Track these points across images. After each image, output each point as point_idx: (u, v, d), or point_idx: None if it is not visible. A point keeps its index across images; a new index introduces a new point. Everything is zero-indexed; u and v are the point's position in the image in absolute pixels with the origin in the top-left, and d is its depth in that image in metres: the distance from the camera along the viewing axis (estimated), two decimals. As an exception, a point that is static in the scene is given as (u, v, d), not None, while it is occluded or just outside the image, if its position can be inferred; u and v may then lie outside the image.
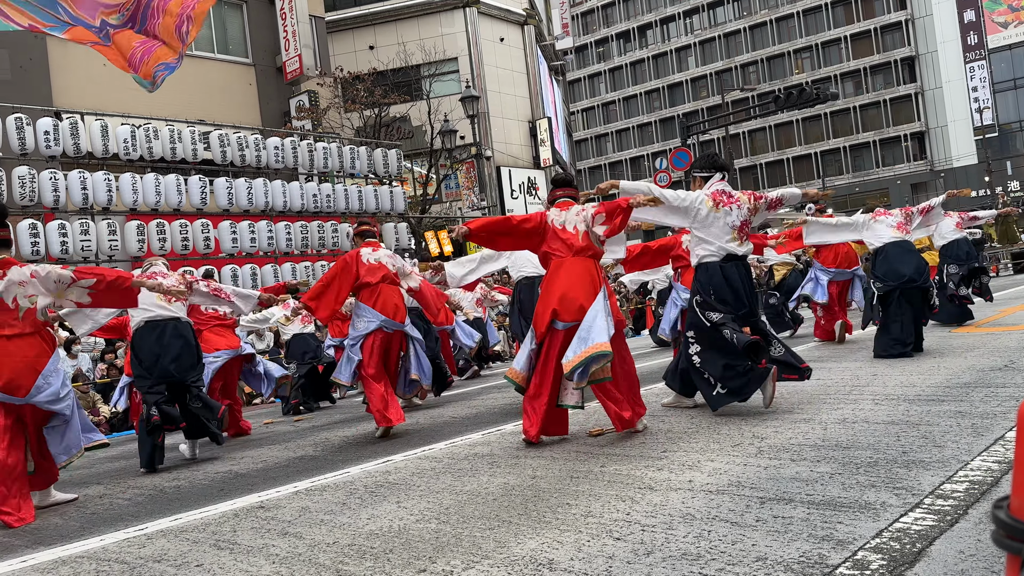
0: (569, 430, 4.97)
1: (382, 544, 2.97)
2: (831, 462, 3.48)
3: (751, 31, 62.01)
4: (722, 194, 5.15)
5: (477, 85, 25.64)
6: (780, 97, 23.09)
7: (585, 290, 4.61)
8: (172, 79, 18.16)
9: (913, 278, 6.89)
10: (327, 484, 4.29)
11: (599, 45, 69.01)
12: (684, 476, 3.52)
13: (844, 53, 58.34)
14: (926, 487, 2.95)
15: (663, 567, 2.40)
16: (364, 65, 23.43)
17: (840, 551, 2.37)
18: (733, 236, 5.08)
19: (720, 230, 5.08)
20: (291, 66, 19.52)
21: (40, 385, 4.45)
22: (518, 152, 28.29)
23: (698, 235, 5.16)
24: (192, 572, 2.90)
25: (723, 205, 5.10)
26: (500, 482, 3.80)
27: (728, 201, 5.12)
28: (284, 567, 2.83)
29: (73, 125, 11.82)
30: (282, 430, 7.69)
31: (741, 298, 5.05)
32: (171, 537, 3.48)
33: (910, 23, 56.56)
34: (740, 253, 5.13)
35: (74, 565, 3.21)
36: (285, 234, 13.92)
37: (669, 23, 66.05)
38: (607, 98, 68.30)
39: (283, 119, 19.31)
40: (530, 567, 2.53)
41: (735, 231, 5.09)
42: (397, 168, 16.83)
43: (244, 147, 13.85)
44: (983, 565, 2.17)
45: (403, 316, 6.23)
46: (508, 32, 28.83)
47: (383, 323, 6.07)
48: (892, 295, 6.95)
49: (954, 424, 4.00)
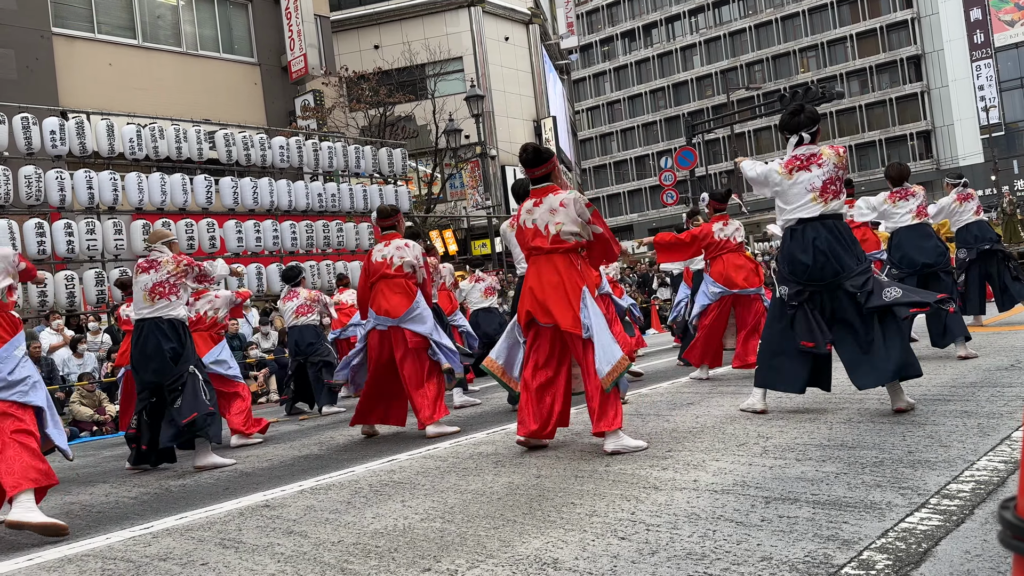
0: (577, 430, 4.97)
1: (387, 543, 2.98)
2: (836, 462, 3.47)
3: (756, 30, 61.93)
4: (795, 159, 4.70)
5: (482, 84, 25.64)
6: (786, 96, 23.07)
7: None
8: (178, 79, 18.28)
9: (929, 263, 6.65)
10: (332, 483, 4.30)
11: (604, 44, 68.99)
12: (689, 476, 3.51)
13: (850, 52, 58.24)
14: (932, 487, 2.94)
15: (668, 567, 2.40)
16: (369, 64, 23.47)
17: (845, 551, 2.37)
18: (813, 198, 4.60)
19: (797, 195, 4.65)
20: (296, 66, 19.56)
21: None
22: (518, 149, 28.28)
23: (779, 204, 4.81)
24: (197, 570, 2.91)
25: (798, 169, 4.65)
26: (505, 481, 3.80)
27: (805, 164, 4.66)
28: (289, 566, 2.83)
29: (79, 125, 11.86)
30: (287, 429, 7.71)
31: (821, 261, 4.54)
32: (177, 536, 3.49)
33: (916, 22, 56.43)
34: (815, 214, 4.59)
35: (80, 563, 3.22)
36: (290, 233, 13.94)
37: (674, 22, 66.00)
38: (612, 97, 68.28)
39: (288, 118, 19.35)
40: (535, 566, 2.53)
41: (815, 192, 4.60)
42: (402, 167, 16.85)
43: (249, 146, 13.87)
44: (989, 565, 2.16)
45: (395, 312, 5.89)
46: (513, 31, 28.85)
47: (376, 322, 6.01)
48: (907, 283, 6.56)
49: (960, 424, 3.99)
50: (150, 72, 17.29)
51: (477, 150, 24.26)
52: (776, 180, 4.75)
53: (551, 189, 4.57)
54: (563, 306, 4.35)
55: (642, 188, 65.13)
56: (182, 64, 18.10)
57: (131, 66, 17.06)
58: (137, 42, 17.50)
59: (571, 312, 4.33)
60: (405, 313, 5.88)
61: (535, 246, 4.51)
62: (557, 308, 4.35)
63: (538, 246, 4.50)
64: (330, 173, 15.68)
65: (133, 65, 17.13)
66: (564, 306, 4.35)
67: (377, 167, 16.26)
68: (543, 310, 4.42)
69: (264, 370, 11.99)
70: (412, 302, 5.93)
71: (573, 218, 4.43)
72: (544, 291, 4.42)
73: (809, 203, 4.61)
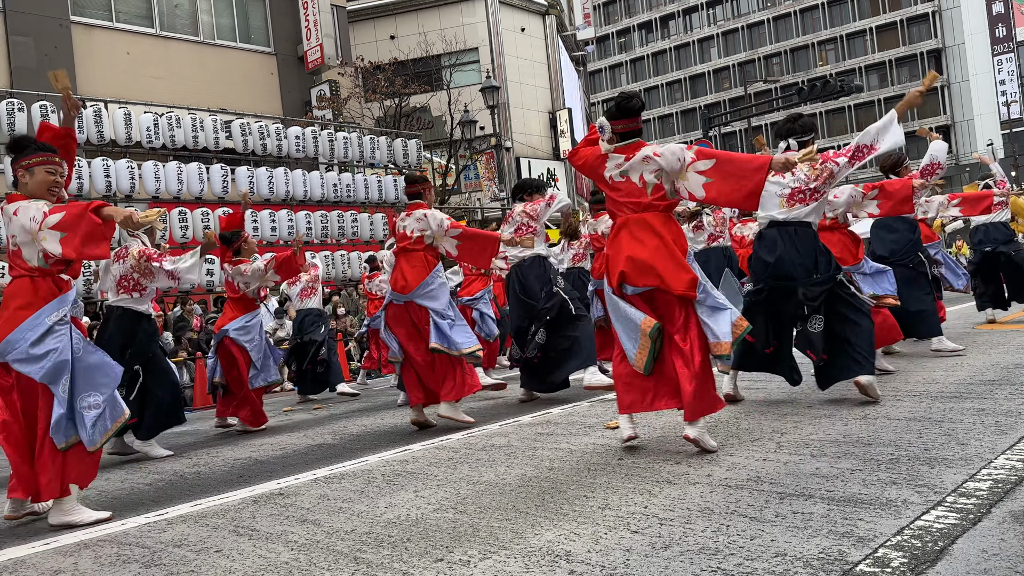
0: (591, 423, 4.96)
1: (400, 533, 2.98)
2: (852, 458, 3.45)
3: (775, 22, 61.44)
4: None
5: (497, 75, 25.57)
6: (804, 89, 22.92)
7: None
8: (195, 68, 18.37)
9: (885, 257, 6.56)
10: (345, 472, 4.31)
11: (621, 36, 68.65)
12: (703, 470, 3.50)
13: (869, 45, 57.68)
14: (948, 485, 2.91)
15: (681, 561, 2.39)
16: (385, 55, 23.44)
17: (860, 548, 2.35)
18: (780, 203, 4.75)
19: (768, 198, 4.70)
20: (312, 55, 19.57)
21: (15, 339, 3.73)
22: (538, 143, 28.23)
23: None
24: (211, 557, 2.92)
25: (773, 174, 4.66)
26: (517, 473, 3.80)
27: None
28: (302, 554, 2.84)
29: (97, 113, 11.93)
30: (301, 418, 7.74)
31: (782, 265, 4.69)
32: (191, 522, 3.51)
33: (937, 15, 55.80)
34: (781, 219, 4.74)
35: (96, 548, 3.25)
36: (305, 223, 13.98)
37: (692, 14, 65.58)
38: (628, 89, 67.97)
39: (304, 108, 19.38)
40: (547, 558, 2.53)
41: (782, 198, 4.75)
42: (417, 158, 16.85)
43: (265, 136, 13.91)
44: (1007, 564, 2.14)
45: (409, 287, 5.68)
46: (529, 22, 28.74)
47: (391, 296, 5.86)
48: None
49: (977, 422, 3.95)
50: (167, 61, 17.36)
51: (492, 141, 24.23)
52: None
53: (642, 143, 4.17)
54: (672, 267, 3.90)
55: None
56: (199, 53, 18.15)
57: (148, 55, 17.13)
58: (155, 31, 17.56)
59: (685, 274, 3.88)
60: (418, 287, 5.66)
61: (630, 202, 4.07)
62: (666, 269, 3.90)
63: (635, 202, 4.05)
64: (345, 163, 15.71)
65: (150, 54, 17.19)
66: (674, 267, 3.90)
67: (392, 158, 16.26)
68: (645, 271, 3.93)
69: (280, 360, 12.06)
70: (428, 275, 5.68)
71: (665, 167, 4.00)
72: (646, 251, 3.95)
73: (776, 207, 4.79)
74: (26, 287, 3.83)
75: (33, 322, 3.75)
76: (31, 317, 3.76)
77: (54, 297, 3.84)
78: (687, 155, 3.98)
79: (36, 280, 3.84)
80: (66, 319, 3.85)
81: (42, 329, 3.74)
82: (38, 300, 3.81)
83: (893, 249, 6.71)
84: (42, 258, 3.85)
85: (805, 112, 57.81)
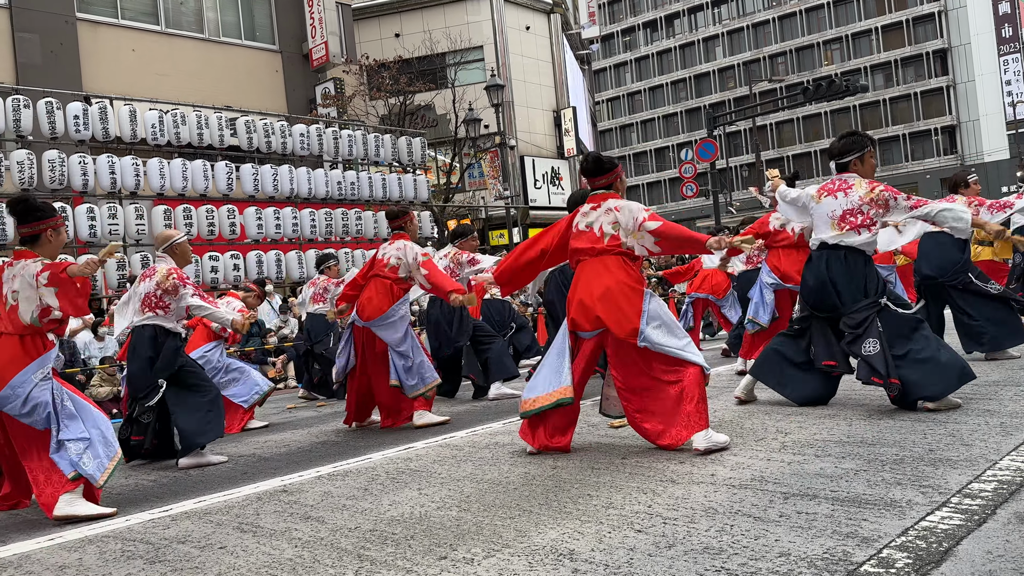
0: (594, 423, 4.96)
1: (403, 530, 2.99)
2: (856, 459, 3.44)
3: (780, 21, 61.28)
4: (831, 183, 4.77)
5: (502, 74, 25.56)
6: (809, 89, 22.84)
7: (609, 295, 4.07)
8: (200, 65, 18.40)
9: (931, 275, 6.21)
10: (349, 470, 4.32)
11: (626, 34, 68.53)
12: (706, 470, 3.50)
13: (875, 45, 57.51)
14: (953, 486, 2.91)
15: (685, 560, 2.39)
16: (390, 53, 23.44)
17: (865, 548, 2.35)
18: (832, 225, 4.63)
19: (820, 220, 4.72)
20: (317, 53, 19.58)
21: (6, 395, 3.93)
22: (542, 142, 28.19)
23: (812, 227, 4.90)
24: (216, 554, 2.93)
25: (827, 195, 4.71)
26: (521, 472, 3.81)
27: (834, 190, 4.69)
28: (306, 551, 2.85)
29: (102, 110, 11.95)
30: (305, 415, 7.75)
31: (825, 292, 4.62)
32: (195, 519, 3.52)
33: (943, 15, 55.60)
34: (832, 242, 4.62)
35: (100, 544, 3.26)
36: (310, 221, 13.99)
37: (697, 12, 65.43)
38: (633, 88, 67.87)
39: (309, 106, 19.39)
40: (551, 557, 2.53)
41: (833, 221, 4.63)
42: (421, 156, 16.85)
43: (270, 134, 13.92)
44: (1012, 566, 2.14)
45: (371, 316, 5.85)
46: (534, 20, 28.70)
47: (353, 317, 6.06)
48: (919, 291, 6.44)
49: (982, 423, 3.94)
50: (172, 58, 17.37)
51: (496, 140, 24.21)
52: (809, 204, 4.82)
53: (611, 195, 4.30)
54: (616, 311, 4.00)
55: (662, 180, 64.77)
56: (204, 50, 18.17)
57: (154, 52, 17.14)
58: (160, 28, 17.58)
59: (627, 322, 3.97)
60: (380, 317, 5.85)
61: (588, 248, 4.20)
62: (609, 313, 4.00)
63: (591, 247, 4.19)
64: (349, 161, 15.71)
65: (156, 51, 17.21)
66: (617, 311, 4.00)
67: (396, 156, 16.26)
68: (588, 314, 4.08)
69: (282, 356, 12.07)
70: (390, 307, 5.87)
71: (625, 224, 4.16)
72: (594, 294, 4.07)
73: (827, 229, 4.67)
74: (14, 344, 4.02)
75: (21, 378, 3.95)
76: (19, 374, 3.95)
77: (39, 355, 4.06)
78: (642, 215, 4.14)
79: (24, 339, 4.05)
80: (49, 375, 4.06)
81: (29, 386, 3.95)
82: (25, 357, 4.00)
83: (942, 267, 6.19)
84: (36, 316, 4.04)
85: (810, 112, 57.51)
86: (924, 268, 6.28)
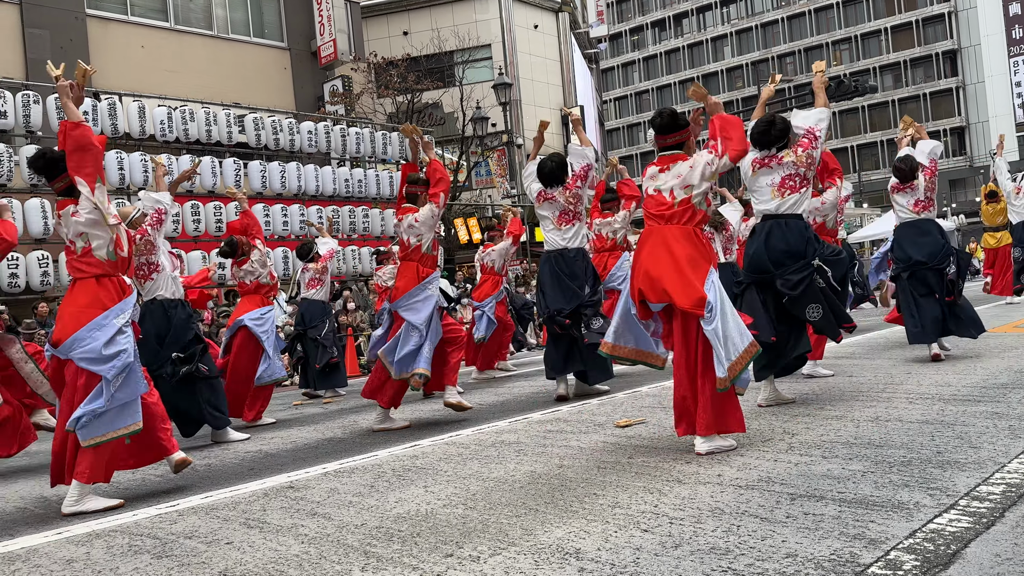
0: (600, 421, 4.95)
1: (409, 527, 2.99)
2: (863, 460, 3.43)
3: (789, 21, 61.14)
4: (763, 157, 4.99)
5: (510, 72, 25.54)
6: (817, 89, 22.70)
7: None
8: (208, 62, 18.42)
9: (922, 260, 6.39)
10: (355, 466, 4.33)
11: (634, 33, 68.45)
12: (713, 470, 3.49)
13: (884, 45, 57.33)
14: (961, 488, 2.90)
15: (691, 560, 2.39)
16: (398, 51, 23.44)
17: (872, 550, 2.34)
18: (772, 194, 4.91)
19: (760, 191, 4.99)
20: (326, 51, 19.60)
21: (80, 337, 3.76)
22: (549, 140, 27.94)
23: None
24: (222, 549, 2.94)
25: (760, 166, 4.97)
26: (527, 470, 3.81)
27: (767, 162, 4.95)
28: (313, 547, 2.85)
29: (111, 106, 11.97)
30: (310, 412, 7.77)
31: (761, 260, 4.86)
32: (202, 514, 3.53)
33: (953, 16, 55.39)
34: (772, 210, 4.91)
35: (107, 539, 3.27)
36: (317, 218, 13.99)
37: (706, 12, 65.33)
38: (640, 87, 67.77)
39: (317, 104, 19.41)
40: (557, 555, 2.53)
41: (774, 188, 4.91)
42: (428, 154, 16.83)
43: (278, 131, 13.93)
44: (1020, 569, 2.13)
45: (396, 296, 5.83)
46: (542, 19, 28.67)
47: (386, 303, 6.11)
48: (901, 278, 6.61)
49: (991, 425, 3.93)
50: (181, 55, 17.41)
51: (504, 138, 24.19)
52: (749, 176, 5.07)
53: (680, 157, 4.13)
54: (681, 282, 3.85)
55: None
56: (213, 47, 18.21)
57: (163, 49, 17.19)
58: (169, 25, 17.62)
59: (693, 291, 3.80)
60: (402, 297, 5.77)
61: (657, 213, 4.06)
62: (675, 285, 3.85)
63: (659, 214, 4.04)
64: (357, 159, 15.72)
65: (165, 48, 17.25)
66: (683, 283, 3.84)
67: (404, 153, 16.25)
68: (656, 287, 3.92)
69: (284, 355, 12.08)
70: (415, 286, 5.77)
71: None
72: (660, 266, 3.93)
73: (769, 198, 4.95)
74: (91, 287, 3.88)
75: (101, 322, 3.78)
76: (99, 317, 3.80)
77: (120, 299, 3.92)
78: (706, 156, 4.02)
79: (102, 280, 3.92)
80: (129, 323, 3.90)
81: (112, 331, 3.78)
82: (105, 300, 3.86)
83: (932, 252, 6.40)
84: (112, 250, 3.92)
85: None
86: (914, 255, 6.46)
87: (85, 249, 3.94)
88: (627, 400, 5.99)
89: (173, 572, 2.73)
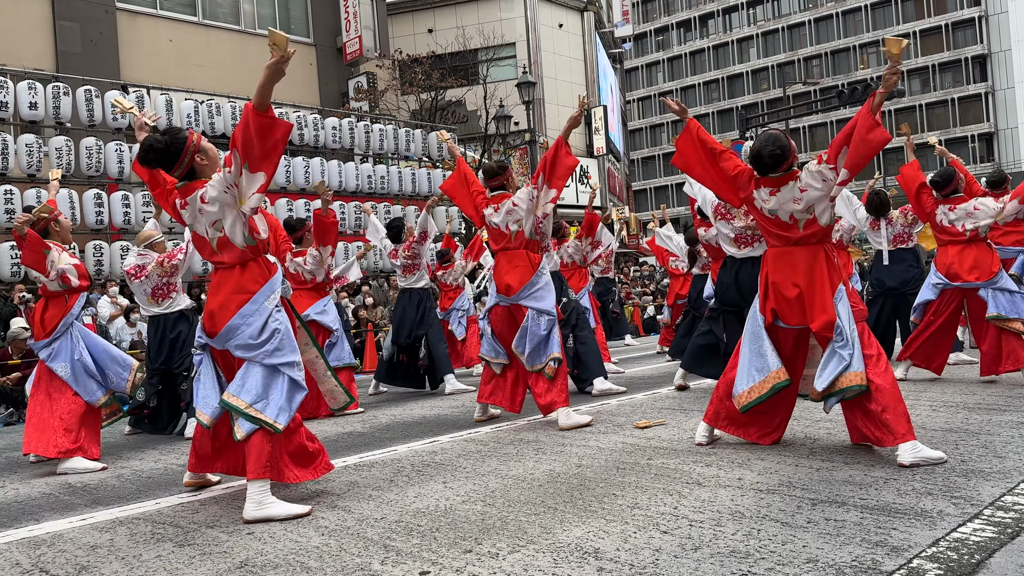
0: (620, 422, 4.94)
1: (429, 523, 3.00)
2: (886, 467, 3.41)
3: (816, 24, 60.58)
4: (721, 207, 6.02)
5: (534, 71, 25.53)
6: (844, 92, 22.59)
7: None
8: (235, 56, 18.53)
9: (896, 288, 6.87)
10: (375, 461, 4.35)
11: (659, 33, 68.11)
12: (733, 473, 3.48)
13: (912, 49, 56.64)
14: (986, 498, 2.87)
15: (711, 563, 2.38)
16: (423, 48, 23.52)
17: (895, 558, 2.33)
18: (731, 245, 5.99)
19: (723, 241, 6.08)
20: (351, 47, 19.70)
21: (234, 325, 3.49)
22: (572, 140, 27.97)
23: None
24: (243, 539, 2.97)
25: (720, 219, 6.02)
26: (546, 469, 3.81)
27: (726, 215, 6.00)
28: (333, 539, 2.88)
29: (139, 99, 12.11)
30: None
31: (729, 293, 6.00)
32: (223, 504, 3.57)
33: (983, 20, 54.66)
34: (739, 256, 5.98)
35: (131, 526, 3.31)
36: (339, 213, 14.07)
37: (732, 13, 64.87)
38: (665, 87, 67.43)
39: (342, 100, 19.51)
40: (576, 554, 2.53)
41: (731, 242, 5.98)
42: (450, 152, 16.87)
43: (303, 126, 14.03)
44: (1046, 581, 2.11)
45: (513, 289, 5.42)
46: (567, 18, 28.64)
47: (496, 298, 5.56)
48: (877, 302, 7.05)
49: (1016, 435, 3.88)
50: (209, 49, 17.57)
51: (527, 137, 24.19)
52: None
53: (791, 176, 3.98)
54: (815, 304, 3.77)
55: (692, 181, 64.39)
56: (240, 42, 18.35)
57: (191, 43, 17.36)
58: (197, 19, 17.78)
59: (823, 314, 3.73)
60: (523, 289, 5.32)
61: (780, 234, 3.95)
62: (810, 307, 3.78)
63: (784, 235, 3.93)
64: (380, 155, 15.80)
65: (193, 42, 17.42)
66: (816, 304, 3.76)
67: (426, 151, 16.32)
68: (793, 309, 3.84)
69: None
70: (532, 275, 5.33)
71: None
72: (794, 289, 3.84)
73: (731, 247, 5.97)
74: (235, 275, 3.59)
75: (252, 307, 3.52)
76: (249, 302, 3.52)
77: (265, 280, 3.60)
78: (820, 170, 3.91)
79: (247, 265, 3.60)
80: (279, 303, 3.63)
81: (265, 315, 3.52)
82: (251, 285, 3.57)
83: (904, 280, 6.84)
84: (248, 234, 3.56)
85: (844, 116, 56.86)
86: (888, 281, 6.95)
87: (221, 241, 3.57)
88: (647, 401, 5.98)
89: (195, 560, 2.76)
